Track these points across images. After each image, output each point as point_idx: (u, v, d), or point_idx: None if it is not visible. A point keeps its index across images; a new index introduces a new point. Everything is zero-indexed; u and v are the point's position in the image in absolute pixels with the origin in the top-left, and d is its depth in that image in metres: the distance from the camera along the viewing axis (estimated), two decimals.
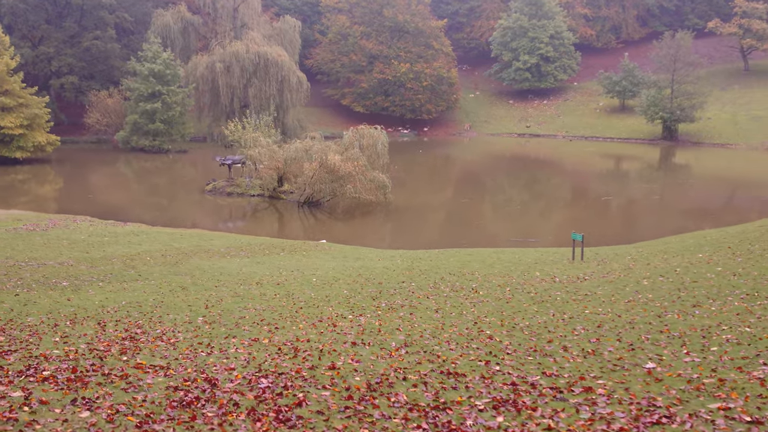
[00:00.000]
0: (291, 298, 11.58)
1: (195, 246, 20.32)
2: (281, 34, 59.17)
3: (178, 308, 10.48)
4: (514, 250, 20.91)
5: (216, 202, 33.33)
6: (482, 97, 78.04)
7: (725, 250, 15.77)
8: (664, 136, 59.98)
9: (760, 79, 68.05)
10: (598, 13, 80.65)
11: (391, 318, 9.24)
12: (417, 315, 9.48)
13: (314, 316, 9.61)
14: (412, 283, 13.29)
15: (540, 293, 11.19)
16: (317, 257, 19.08)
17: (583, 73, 77.05)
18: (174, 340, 7.94)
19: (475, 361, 6.74)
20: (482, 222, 30.53)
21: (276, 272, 15.83)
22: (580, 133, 66.25)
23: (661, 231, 25.99)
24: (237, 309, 10.38)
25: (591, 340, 7.39)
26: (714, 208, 32.56)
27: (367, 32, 70.04)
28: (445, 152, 60.19)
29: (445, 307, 10.16)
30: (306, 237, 25.73)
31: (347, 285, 13.19)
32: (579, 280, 12.94)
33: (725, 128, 59.81)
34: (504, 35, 72.98)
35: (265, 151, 30.44)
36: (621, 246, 21.55)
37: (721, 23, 68.85)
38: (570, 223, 29.20)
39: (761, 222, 23.92)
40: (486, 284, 12.74)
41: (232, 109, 54.93)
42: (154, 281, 14.15)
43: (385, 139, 30.31)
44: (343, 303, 10.85)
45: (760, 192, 35.58)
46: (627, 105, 68.40)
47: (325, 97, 71.49)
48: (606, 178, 45.18)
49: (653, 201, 34.80)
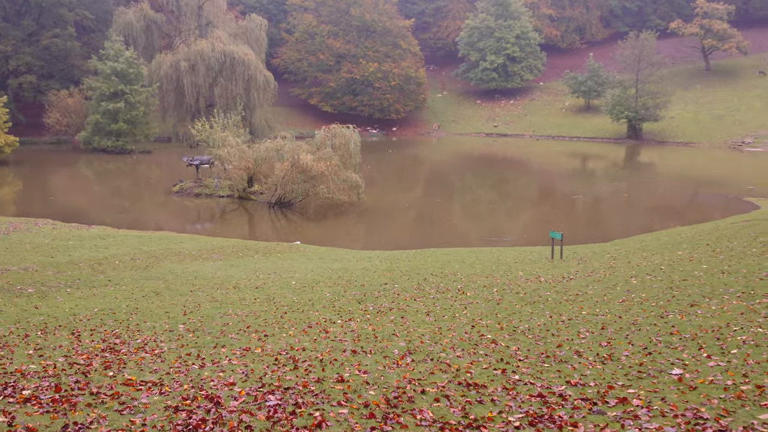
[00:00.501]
0: (273, 303, 11.15)
1: (165, 249, 19.67)
2: (247, 33, 58.31)
3: (156, 315, 9.97)
4: (492, 250, 20.76)
5: (183, 204, 32.53)
6: (450, 97, 78.17)
7: (704, 248, 15.80)
8: (629, 135, 60.79)
9: (720, 79, 69.49)
10: (562, 14, 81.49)
11: (383, 322, 8.90)
12: (409, 319, 9.15)
13: (302, 321, 9.21)
14: (395, 284, 12.96)
15: (529, 293, 10.96)
16: (293, 259, 18.63)
17: (548, 73, 77.74)
18: (159, 351, 7.46)
19: (489, 369, 6.42)
20: (454, 222, 30.37)
21: (253, 275, 15.35)
22: (547, 132, 66.79)
23: (632, 228, 26.16)
24: (218, 315, 9.91)
25: (602, 344, 7.14)
26: (680, 205, 32.97)
27: (335, 31, 69.55)
28: (415, 152, 60.06)
29: (436, 309, 9.85)
30: (278, 238, 25.23)
31: (329, 288, 12.80)
32: (565, 279, 12.77)
33: (688, 127, 60.90)
34: (471, 35, 73.21)
35: (235, 150, 29.78)
36: (597, 244, 21.56)
37: (682, 24, 70.12)
38: (541, 222, 29.23)
39: (732, 219, 24.25)
40: (471, 285, 12.48)
41: (197, 108, 53.92)
42: (125, 286, 13.55)
43: (357, 139, 29.94)
44: (328, 307, 10.46)
45: (723, 189, 36.15)
46: (592, 104, 69.21)
47: (292, 96, 70.76)
48: (573, 177, 45.51)
49: (622, 199, 35.11)
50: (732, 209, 28.59)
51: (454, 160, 55.49)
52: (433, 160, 56.08)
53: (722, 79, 69.53)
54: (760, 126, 58.30)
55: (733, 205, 30.05)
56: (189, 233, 25.38)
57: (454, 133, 70.10)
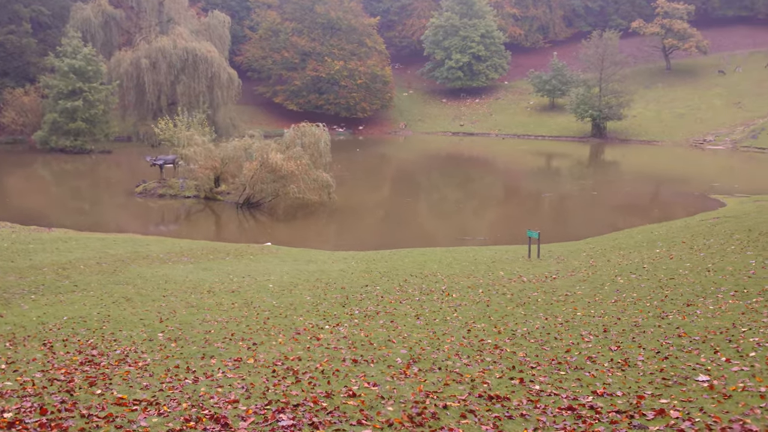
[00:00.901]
0: (252, 308, 10.68)
1: (131, 252, 18.94)
2: (210, 30, 57.21)
3: (130, 323, 9.42)
4: (467, 249, 20.55)
5: (147, 205, 31.59)
6: (416, 96, 78.06)
7: (681, 245, 15.83)
8: (594, 134, 61.46)
9: (681, 78, 70.82)
10: (526, 13, 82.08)
11: (373, 327, 8.53)
12: (399, 323, 8.80)
13: (288, 327, 8.78)
14: (376, 287, 12.59)
15: (516, 294, 10.71)
16: (267, 261, 18.11)
17: (513, 72, 78.22)
18: (143, 364, 6.94)
19: (505, 379, 6.10)
20: (425, 221, 30.14)
21: (226, 279, 14.82)
22: (513, 131, 67.15)
23: (603, 226, 26.26)
24: (196, 322, 9.42)
25: (611, 348, 6.88)
26: (647, 203, 33.33)
27: (299, 29, 68.79)
28: (382, 151, 59.76)
29: (425, 312, 9.53)
30: (247, 240, 24.61)
31: (308, 291, 12.37)
32: (548, 278, 12.57)
33: (651, 126, 61.86)
34: (436, 34, 73.20)
35: (201, 150, 29.01)
36: (571, 242, 21.54)
37: (644, 23, 71.23)
38: (512, 220, 29.20)
39: (700, 216, 24.48)
40: (455, 286, 12.19)
41: (159, 106, 52.68)
42: (93, 292, 12.91)
43: (327, 138, 29.45)
44: (312, 311, 10.05)
45: (688, 187, 36.69)
46: (557, 103, 69.86)
47: (256, 94, 69.75)
48: (540, 176, 45.76)
49: (591, 197, 35.32)
50: (699, 206, 28.95)
51: (422, 159, 55.34)
52: (401, 159, 55.86)
53: (683, 78, 70.88)
54: (720, 124, 59.54)
55: (699, 203, 30.45)
56: (155, 235, 24.60)
57: (420, 132, 70.00)
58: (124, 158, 50.22)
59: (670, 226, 22.19)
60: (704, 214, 25.23)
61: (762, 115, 59.46)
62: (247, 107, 66.88)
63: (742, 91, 65.35)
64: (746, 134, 56.00)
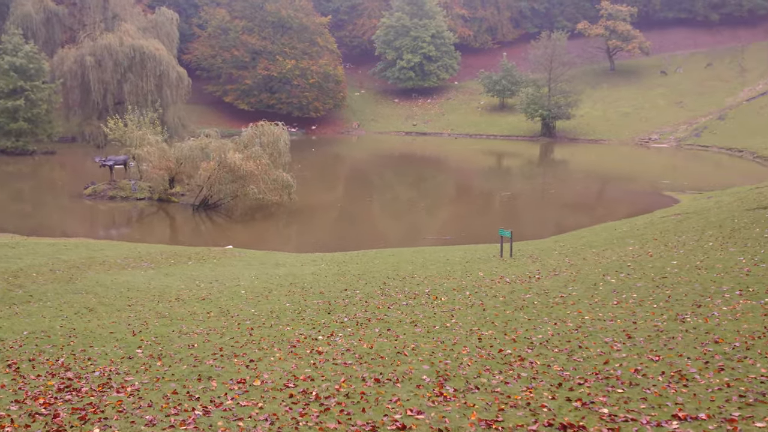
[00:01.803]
0: (230, 317, 10.10)
1: (86, 257, 17.96)
2: (157, 27, 55.50)
3: (100, 337, 8.74)
4: (435, 249, 20.29)
5: (97, 208, 30.28)
6: (368, 96, 77.72)
7: (654, 243, 15.90)
8: (543, 133, 62.29)
9: (625, 78, 72.53)
10: (474, 14, 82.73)
11: (372, 337, 8.10)
12: (397, 331, 8.40)
13: (278, 339, 8.26)
14: (356, 291, 12.15)
15: (508, 296, 10.44)
16: (232, 265, 17.43)
17: (463, 73, 78.71)
18: (132, 389, 6.27)
19: (560, 400, 5.62)
20: (386, 221, 29.82)
21: (193, 285, 14.13)
22: (465, 131, 67.51)
23: (565, 224, 26.49)
24: (174, 335, 8.79)
25: (652, 359, 6.45)
26: (604, 201, 33.85)
27: (250, 27, 67.54)
28: (336, 151, 59.20)
29: (420, 318, 9.15)
30: (206, 243, 23.80)
31: (285, 297, 11.84)
32: (532, 279, 12.37)
33: (598, 125, 63.10)
34: (387, 34, 73.04)
35: (155, 149, 27.94)
36: (538, 240, 21.54)
37: (588, 25, 72.69)
38: (473, 219, 29.18)
39: (660, 213, 24.89)
40: (438, 288, 11.85)
41: (105, 106, 50.79)
42: (50, 302, 12.07)
43: (287, 137, 28.78)
44: (297, 320, 9.54)
45: (640, 184, 37.46)
46: (507, 103, 70.59)
47: (206, 93, 68.14)
48: (496, 175, 46.08)
49: (549, 195, 35.64)
50: (655, 203, 29.49)
51: (377, 158, 55.04)
52: (356, 159, 55.44)
53: (626, 78, 72.61)
54: (664, 123, 61.20)
55: (654, 199, 31.04)
56: (108, 239, 23.51)
57: (373, 132, 69.69)
58: (69, 159, 48.27)
59: (633, 223, 22.44)
60: (662, 211, 25.67)
61: (703, 114, 61.42)
62: (197, 107, 65.23)
63: (683, 90, 67.39)
64: (689, 133, 57.69)
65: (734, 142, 51.04)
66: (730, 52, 73.06)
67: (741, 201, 21.60)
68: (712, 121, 58.61)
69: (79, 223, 28.75)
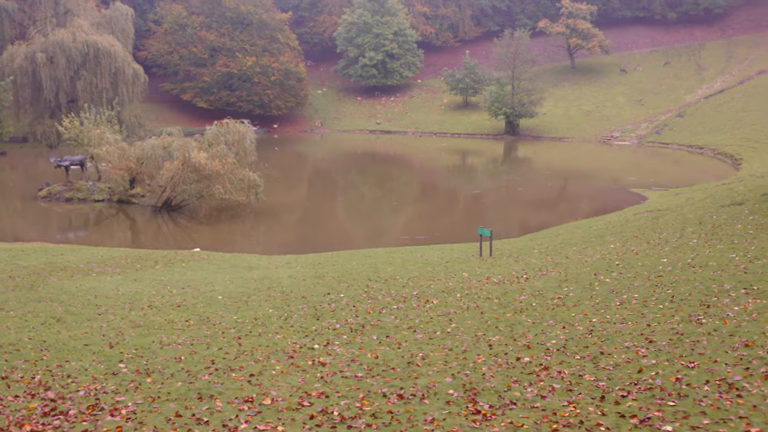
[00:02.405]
0: (212, 325, 9.43)
1: (46, 263, 16.95)
2: (112, 23, 53.64)
3: (74, 350, 7.99)
4: (411, 249, 19.81)
5: (53, 210, 28.95)
6: (330, 94, 76.87)
7: (634, 240, 15.71)
8: (507, 131, 62.44)
9: (585, 77, 73.31)
10: (436, 12, 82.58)
11: (372, 345, 7.54)
12: (397, 338, 7.86)
13: (272, 349, 7.63)
14: (340, 294, 11.58)
15: (502, 298, 10.01)
16: (202, 269, 16.65)
17: (425, 71, 78.53)
18: (127, 411, 5.56)
19: (613, 416, 5.07)
20: (354, 221, 29.24)
21: (164, 290, 13.36)
22: (429, 129, 67.29)
23: (534, 221, 26.38)
24: (155, 346, 8.10)
25: (689, 366, 5.97)
26: (570, 198, 33.89)
27: (207, 23, 66.05)
28: (300, 150, 58.26)
29: (417, 324, 8.63)
30: (170, 245, 22.88)
31: (266, 302, 11.19)
32: (520, 279, 11.98)
33: (561, 123, 63.55)
34: (349, 31, 72.32)
35: (114, 149, 26.78)
36: (514, 239, 21.26)
37: (550, 23, 73.20)
38: (441, 218, 28.85)
39: (632, 210, 24.87)
40: (427, 291, 11.37)
41: (57, 104, 48.91)
42: (14, 312, 11.18)
43: (252, 135, 27.93)
44: (285, 327, 8.93)
45: (602, 182, 37.69)
46: (470, 101, 70.63)
47: (162, 92, 66.39)
48: (462, 173, 45.92)
49: (517, 193, 35.52)
50: (624, 200, 29.61)
51: (342, 157, 54.33)
52: (321, 158, 54.64)
53: (587, 76, 73.40)
54: (625, 121, 61.97)
55: (622, 196, 31.18)
56: (67, 243, 22.39)
57: (337, 130, 68.92)
58: (19, 160, 46.40)
59: (606, 220, 22.36)
60: (634, 208, 25.70)
61: (663, 111, 62.42)
62: (154, 105, 63.54)
63: (643, 89, 68.41)
64: (650, 130, 58.52)
65: (694, 139, 51.91)
66: (687, 51, 74.53)
67: (712, 197, 21.67)
68: (671, 119, 59.57)
69: (34, 226, 27.43)
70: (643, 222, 19.10)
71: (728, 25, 77.92)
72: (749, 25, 76.81)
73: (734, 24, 78.03)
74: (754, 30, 75.31)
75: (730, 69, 68.81)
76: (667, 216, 19.12)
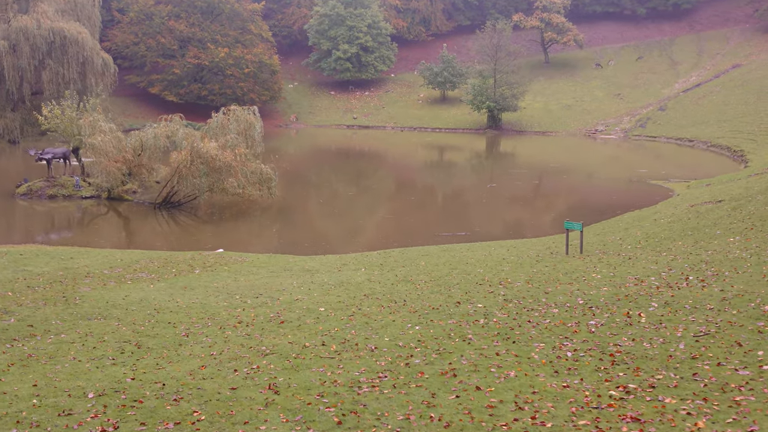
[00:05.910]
0: (363, 351, 7.27)
1: (61, 269, 14.33)
2: (78, 9, 49.87)
3: (234, 402, 5.71)
4: (471, 246, 17.79)
5: (34, 209, 25.87)
6: (302, 88, 74.14)
7: (751, 232, 14.09)
8: (490, 125, 60.99)
9: (560, 71, 72.54)
10: (408, 5, 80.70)
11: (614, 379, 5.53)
12: (582, 372, 5.87)
13: (505, 387, 5.53)
14: (477, 304, 9.50)
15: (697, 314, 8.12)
16: (252, 273, 14.28)
17: (398, 65, 76.52)
18: None
19: None
20: (376, 218, 27.04)
21: (236, 301, 11.06)
22: (408, 124, 65.35)
23: (570, 216, 24.74)
24: (351, 391, 5.89)
25: None
26: (595, 193, 32.40)
27: (176, 12, 62.59)
28: (277, 145, 55.55)
29: (593, 335, 6.65)
30: (182, 246, 20.22)
31: (391, 314, 9.03)
32: (682, 282, 10.12)
33: (542, 117, 62.51)
34: (321, 23, 69.78)
35: (110, 139, 23.90)
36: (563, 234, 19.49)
37: (524, 17, 72.23)
38: (469, 214, 27.06)
39: (686, 200, 23.29)
40: (562, 299, 9.41)
41: (21, 96, 45.30)
42: (66, 335, 8.79)
43: (260, 125, 25.46)
44: (432, 350, 6.82)
45: (618, 174, 36.52)
46: (448, 96, 68.99)
47: (128, 84, 62.56)
48: (468, 168, 44.23)
49: (533, 186, 33.90)
50: (652, 192, 28.34)
51: (328, 153, 51.88)
52: (305, 154, 52.13)
53: (561, 71, 72.65)
54: (607, 115, 61.36)
55: (647, 188, 29.97)
56: (66, 245, 19.56)
57: (312, 125, 66.32)
58: None
59: (669, 212, 20.62)
60: (677, 199, 24.32)
61: (643, 105, 62.06)
62: (119, 98, 59.72)
63: (619, 83, 68.05)
64: (634, 124, 58.00)
65: (681, 132, 51.47)
66: (658, 46, 74.63)
67: None
68: (653, 112, 59.20)
69: (14, 226, 24.41)
70: (726, 212, 17.51)
71: (696, 21, 78.43)
72: (717, 20, 77.49)
73: (702, 19, 78.60)
74: (722, 25, 75.99)
75: (703, 63, 69.07)
76: (749, 207, 17.55)
